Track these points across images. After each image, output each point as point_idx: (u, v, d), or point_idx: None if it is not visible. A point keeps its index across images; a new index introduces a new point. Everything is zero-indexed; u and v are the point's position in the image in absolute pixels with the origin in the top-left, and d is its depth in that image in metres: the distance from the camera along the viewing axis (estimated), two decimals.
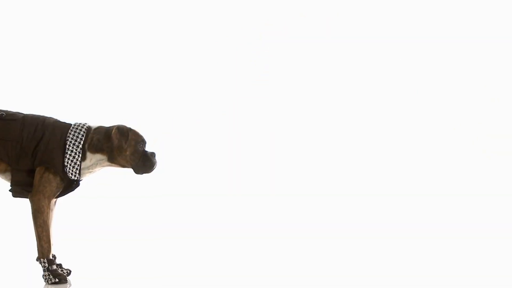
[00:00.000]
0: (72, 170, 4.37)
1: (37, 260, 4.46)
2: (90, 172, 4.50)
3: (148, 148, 4.52)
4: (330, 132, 7.97)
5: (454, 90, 8.05)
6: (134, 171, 4.47)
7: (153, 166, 4.50)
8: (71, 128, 4.44)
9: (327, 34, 8.06)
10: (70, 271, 4.58)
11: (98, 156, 4.46)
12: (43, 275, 4.42)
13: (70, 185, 4.46)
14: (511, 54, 8.02)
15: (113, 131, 4.46)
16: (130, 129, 4.48)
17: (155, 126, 7.73)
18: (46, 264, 4.40)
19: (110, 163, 4.48)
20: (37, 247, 4.41)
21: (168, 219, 6.95)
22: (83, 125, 4.47)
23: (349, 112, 8.04)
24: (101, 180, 5.15)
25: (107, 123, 4.55)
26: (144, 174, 4.46)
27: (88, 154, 4.44)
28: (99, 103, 7.72)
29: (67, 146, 4.38)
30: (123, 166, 4.50)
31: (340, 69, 8.05)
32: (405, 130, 7.99)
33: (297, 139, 7.96)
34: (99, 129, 4.49)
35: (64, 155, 4.36)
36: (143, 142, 4.50)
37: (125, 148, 4.44)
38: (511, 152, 7.88)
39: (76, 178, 4.39)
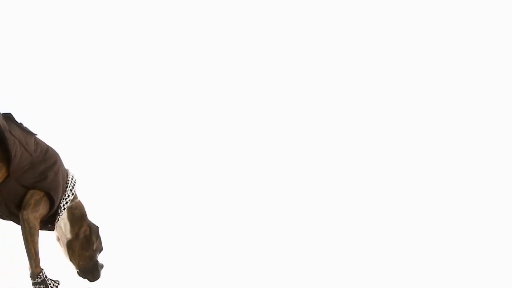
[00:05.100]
0: (59, 211, 4.33)
1: (35, 275, 4.31)
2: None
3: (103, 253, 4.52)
4: (330, 131, 7.98)
5: (454, 90, 8.06)
6: (81, 273, 4.43)
7: (97, 278, 4.48)
8: (69, 173, 4.40)
9: (327, 34, 8.07)
10: (59, 283, 4.46)
11: (68, 228, 4.44)
12: (44, 286, 4.31)
13: (45, 224, 4.39)
14: (511, 54, 8.03)
15: (94, 227, 4.42)
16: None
17: (154, 124, 7.75)
18: (45, 274, 4.31)
19: (65, 244, 4.43)
20: (33, 263, 4.29)
21: (167, 220, 6.96)
22: (73, 176, 4.44)
23: (349, 112, 8.05)
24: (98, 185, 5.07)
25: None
26: (85, 279, 4.45)
27: (66, 216, 4.41)
28: (97, 104, 7.74)
29: (67, 188, 4.36)
30: (69, 259, 4.45)
31: (340, 69, 8.07)
32: (405, 130, 8.00)
33: (297, 139, 7.98)
34: (80, 204, 4.45)
35: (63, 194, 4.34)
36: (100, 252, 4.48)
37: (89, 247, 4.42)
38: (511, 152, 7.90)
39: (56, 220, 4.35)
